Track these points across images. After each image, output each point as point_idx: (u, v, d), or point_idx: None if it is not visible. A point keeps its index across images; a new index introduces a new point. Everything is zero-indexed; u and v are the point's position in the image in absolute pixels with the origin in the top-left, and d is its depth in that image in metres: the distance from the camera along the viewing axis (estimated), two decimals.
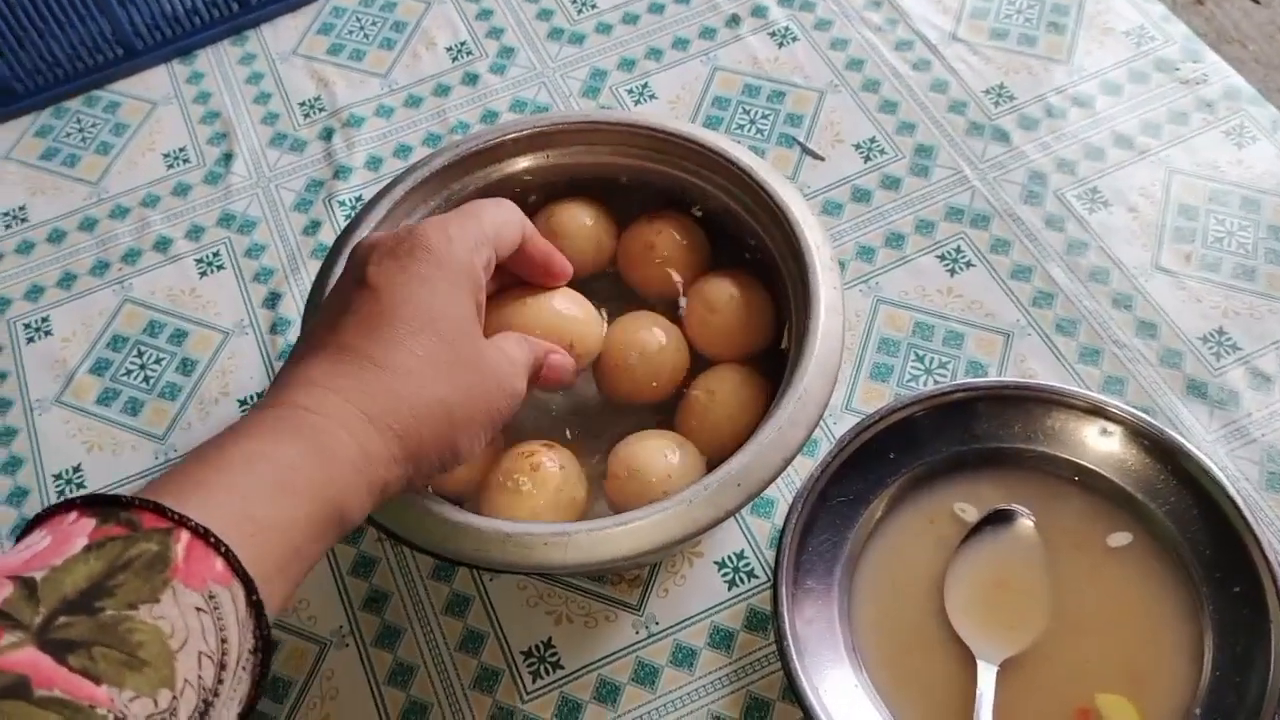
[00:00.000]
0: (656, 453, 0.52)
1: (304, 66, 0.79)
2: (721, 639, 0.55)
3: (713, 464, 0.50)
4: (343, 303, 0.43)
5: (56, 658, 0.27)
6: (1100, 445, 0.55)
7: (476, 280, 0.45)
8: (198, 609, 0.30)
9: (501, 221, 0.47)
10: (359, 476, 0.38)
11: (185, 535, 0.31)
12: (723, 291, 0.56)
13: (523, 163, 0.59)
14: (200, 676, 0.30)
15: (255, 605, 0.32)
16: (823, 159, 0.71)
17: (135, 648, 0.28)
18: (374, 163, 0.74)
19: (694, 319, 0.57)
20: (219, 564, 0.32)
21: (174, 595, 0.30)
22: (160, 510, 0.31)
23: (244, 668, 0.32)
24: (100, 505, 0.32)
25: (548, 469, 0.51)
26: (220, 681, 0.31)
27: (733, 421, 0.54)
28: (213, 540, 0.31)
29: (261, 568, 0.33)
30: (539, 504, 0.50)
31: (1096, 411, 0.55)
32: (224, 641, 0.31)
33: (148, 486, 0.34)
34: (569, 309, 0.53)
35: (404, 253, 0.43)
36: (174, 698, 0.29)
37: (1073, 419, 0.56)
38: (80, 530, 0.31)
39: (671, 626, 0.55)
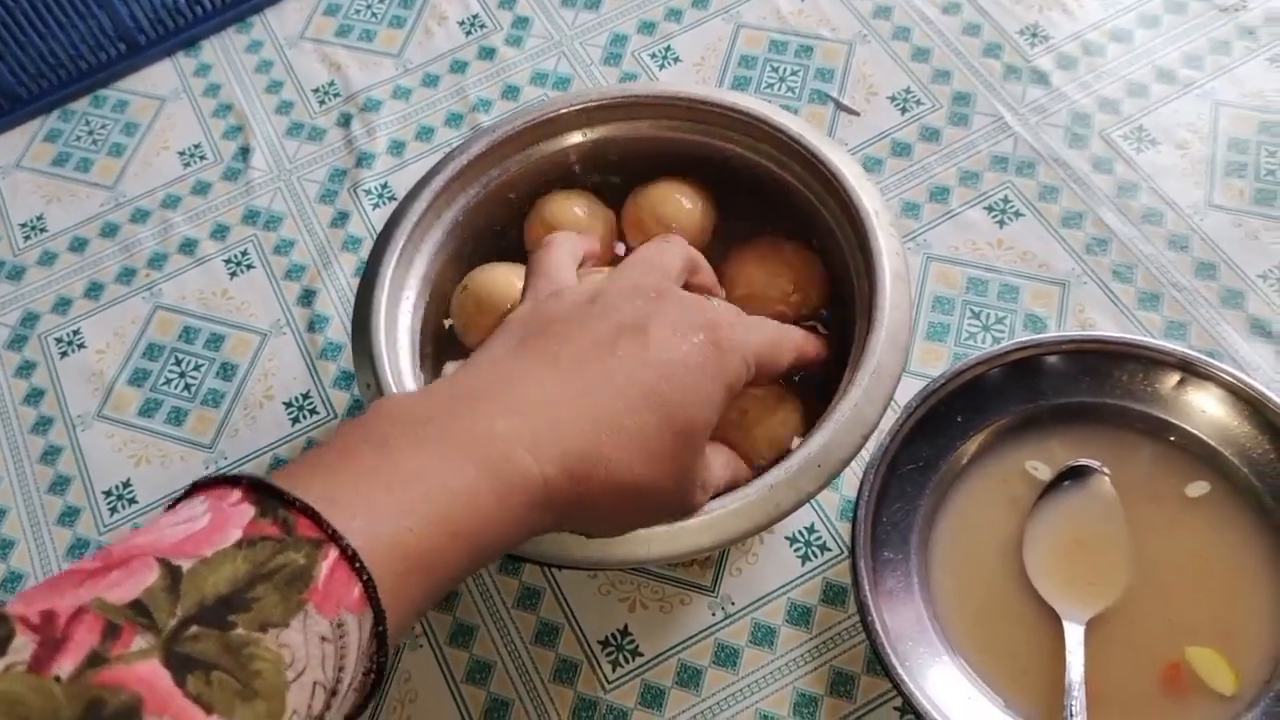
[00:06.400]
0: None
1: (314, 51, 0.77)
2: (800, 615, 0.54)
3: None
4: (608, 337, 0.41)
5: (176, 677, 0.27)
6: (1170, 395, 0.54)
7: (734, 395, 0.43)
8: (323, 638, 0.30)
9: (773, 346, 0.46)
10: (528, 527, 0.37)
11: (333, 554, 0.30)
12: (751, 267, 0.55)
13: (561, 143, 0.57)
14: (310, 706, 0.29)
15: (379, 635, 0.32)
16: (858, 114, 0.69)
17: (252, 676, 0.28)
18: (397, 148, 0.72)
19: (733, 292, 0.55)
20: (357, 590, 0.31)
21: (304, 621, 0.29)
22: (316, 519, 0.31)
23: (354, 689, 0.32)
24: (263, 493, 0.31)
25: None
26: (328, 708, 0.30)
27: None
28: (358, 565, 0.31)
29: (396, 601, 0.32)
30: None
31: (1164, 361, 0.54)
32: (340, 670, 0.30)
33: (316, 463, 0.33)
34: None
35: (695, 335, 0.41)
36: None
37: (1141, 370, 0.55)
38: (238, 519, 0.30)
39: (748, 606, 0.55)
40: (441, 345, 0.56)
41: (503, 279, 0.54)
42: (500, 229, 0.58)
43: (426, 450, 0.35)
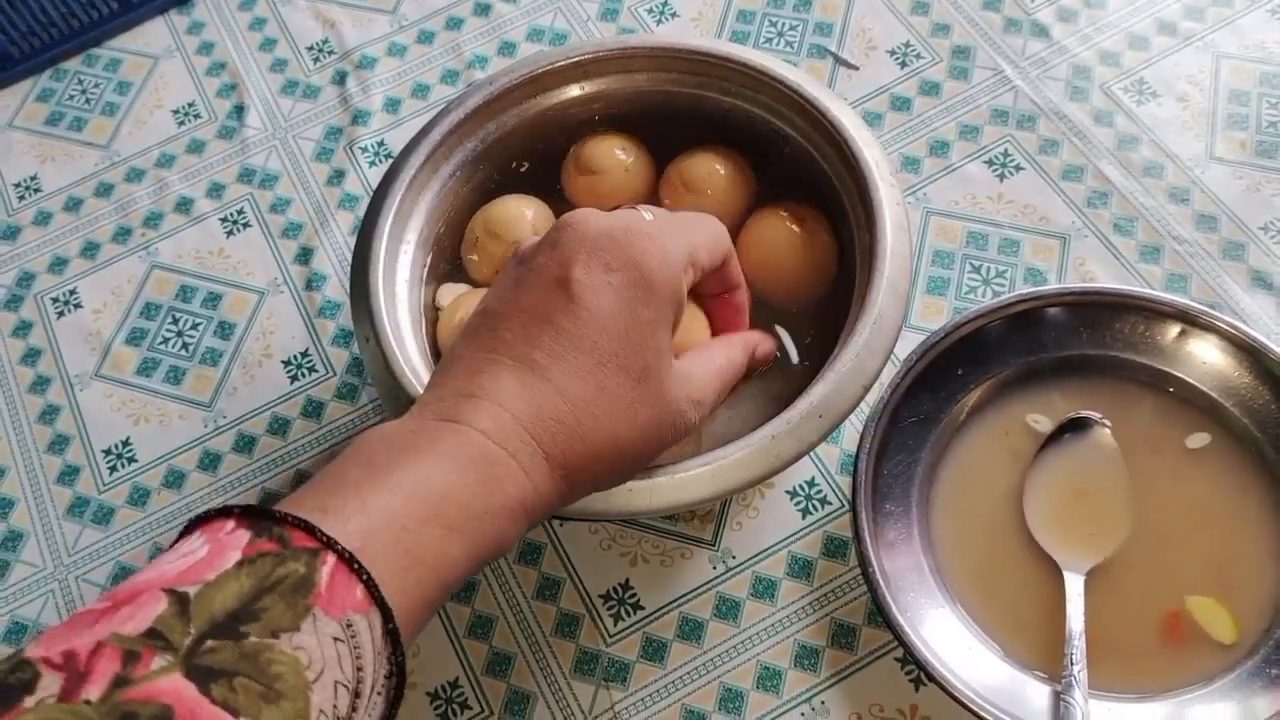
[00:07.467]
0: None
1: (307, 7, 0.76)
2: (801, 568, 0.55)
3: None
4: (539, 302, 0.40)
5: (200, 687, 0.28)
6: (1171, 346, 0.54)
7: (679, 305, 0.42)
8: (335, 639, 0.31)
9: (710, 241, 0.44)
10: (525, 515, 0.37)
11: (331, 559, 0.31)
12: (778, 230, 0.54)
13: (559, 96, 0.57)
14: (335, 705, 0.30)
15: (391, 634, 0.32)
16: (857, 68, 0.68)
17: (274, 679, 0.29)
18: (392, 105, 0.71)
19: (748, 261, 0.54)
20: (359, 591, 0.31)
21: (314, 623, 0.30)
22: (310, 530, 0.32)
23: (379, 693, 0.32)
24: (255, 517, 0.32)
25: None
26: (354, 709, 0.31)
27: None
28: (356, 566, 0.31)
29: (405, 598, 0.33)
30: None
31: (1165, 312, 0.54)
32: (359, 669, 0.31)
33: (307, 488, 0.34)
34: None
35: (617, 265, 0.40)
36: None
37: (1141, 322, 0.55)
38: (235, 543, 0.31)
39: (749, 559, 0.55)
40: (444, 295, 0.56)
41: (512, 208, 0.55)
42: (500, 184, 0.58)
43: (412, 459, 0.35)
